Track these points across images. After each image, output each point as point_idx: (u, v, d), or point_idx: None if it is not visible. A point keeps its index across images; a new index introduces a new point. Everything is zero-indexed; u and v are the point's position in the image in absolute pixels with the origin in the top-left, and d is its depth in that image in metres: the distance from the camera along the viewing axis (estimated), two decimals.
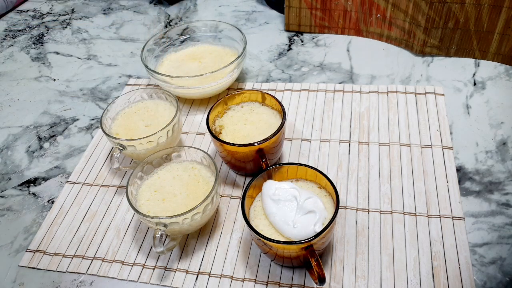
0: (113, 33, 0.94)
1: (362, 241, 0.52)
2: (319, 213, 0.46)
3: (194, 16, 0.95)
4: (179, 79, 0.68)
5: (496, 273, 0.48)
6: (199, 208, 0.49)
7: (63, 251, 0.55)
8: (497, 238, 0.51)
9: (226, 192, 0.60)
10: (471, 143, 0.61)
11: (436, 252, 0.50)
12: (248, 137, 0.57)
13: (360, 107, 0.68)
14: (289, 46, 0.83)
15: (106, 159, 0.66)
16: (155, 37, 0.75)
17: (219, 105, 0.60)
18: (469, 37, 0.72)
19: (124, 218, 0.58)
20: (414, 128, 0.64)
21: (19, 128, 0.74)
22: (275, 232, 0.48)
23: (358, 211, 0.55)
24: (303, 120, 0.67)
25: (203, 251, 0.54)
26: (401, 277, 0.48)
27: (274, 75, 0.77)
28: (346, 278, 0.49)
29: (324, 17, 0.82)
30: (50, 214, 0.60)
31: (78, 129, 0.72)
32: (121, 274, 0.52)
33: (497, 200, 0.54)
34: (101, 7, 1.02)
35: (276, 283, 0.50)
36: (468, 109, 0.66)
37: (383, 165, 0.59)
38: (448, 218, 0.53)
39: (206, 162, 0.56)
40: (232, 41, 0.76)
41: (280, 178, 0.52)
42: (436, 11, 0.71)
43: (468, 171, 0.58)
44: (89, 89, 0.80)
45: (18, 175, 0.66)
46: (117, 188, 0.62)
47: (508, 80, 0.70)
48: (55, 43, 0.92)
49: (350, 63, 0.78)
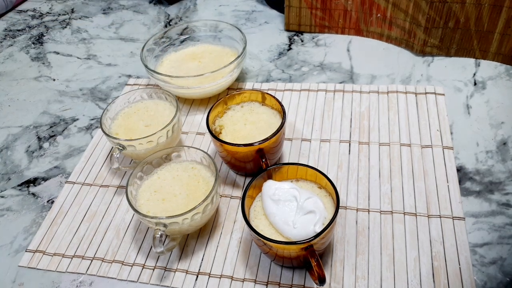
0: (112, 33, 0.94)
1: (362, 241, 0.52)
2: (319, 213, 0.46)
3: (194, 16, 0.95)
4: (179, 79, 0.68)
5: (496, 273, 0.48)
6: (199, 208, 0.49)
7: (63, 251, 0.55)
8: (498, 238, 0.51)
9: (226, 192, 0.59)
10: (471, 143, 0.61)
11: (436, 252, 0.50)
12: (248, 137, 0.57)
13: (360, 107, 0.68)
14: (289, 46, 0.83)
15: (106, 159, 0.66)
16: (155, 37, 0.75)
17: (219, 105, 0.60)
18: (470, 37, 0.72)
19: (124, 218, 0.58)
20: (414, 128, 0.64)
21: (19, 128, 0.74)
22: (275, 232, 0.48)
23: (358, 211, 0.55)
24: (303, 120, 0.67)
25: (203, 251, 0.53)
26: (401, 277, 0.48)
27: (274, 75, 0.77)
28: (346, 278, 0.49)
29: (324, 16, 0.82)
30: (49, 214, 0.60)
31: (78, 129, 0.72)
32: (121, 274, 0.52)
33: (498, 200, 0.54)
34: (101, 6, 1.02)
35: (276, 283, 0.50)
36: (468, 109, 0.66)
37: (383, 165, 0.59)
38: (449, 218, 0.53)
39: (206, 162, 0.56)
40: (232, 41, 0.76)
41: (280, 178, 0.52)
42: (436, 10, 0.71)
43: (469, 171, 0.58)
44: (88, 89, 0.80)
45: (18, 175, 0.66)
46: (117, 188, 0.62)
47: (509, 80, 0.70)
48: (54, 43, 0.92)
49: (350, 63, 0.77)
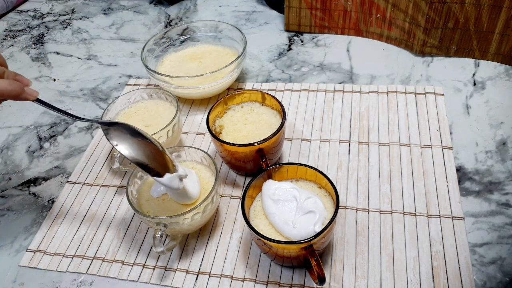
0: (113, 33, 0.94)
1: (362, 241, 0.52)
2: (319, 213, 0.46)
3: (194, 16, 0.96)
4: (179, 79, 0.68)
5: (496, 273, 0.48)
6: (199, 208, 0.49)
7: (63, 251, 0.55)
8: (497, 238, 0.51)
9: (226, 192, 0.60)
10: (471, 143, 0.61)
11: (436, 252, 0.50)
12: (248, 137, 0.57)
13: (360, 107, 0.68)
14: (289, 46, 0.83)
15: (106, 159, 0.66)
16: (155, 37, 0.75)
17: (219, 105, 0.60)
18: (469, 37, 0.72)
19: (125, 218, 0.58)
20: (414, 128, 0.64)
21: (19, 128, 0.74)
22: (275, 232, 0.48)
23: (358, 211, 0.55)
24: (303, 120, 0.67)
25: (203, 251, 0.54)
26: (401, 277, 0.48)
27: (274, 75, 0.77)
28: (346, 278, 0.49)
29: (324, 17, 0.82)
30: (50, 214, 0.60)
31: (78, 129, 0.72)
32: (121, 274, 0.52)
33: (497, 200, 0.54)
34: (101, 7, 1.03)
35: (276, 283, 0.50)
36: (468, 109, 0.66)
37: (383, 165, 0.60)
38: (448, 218, 0.53)
39: (206, 162, 0.56)
40: (232, 41, 0.76)
41: (280, 178, 0.52)
42: (436, 11, 0.71)
43: (468, 171, 0.58)
44: (89, 89, 0.80)
45: (18, 175, 0.66)
46: (117, 188, 0.62)
47: (508, 80, 0.70)
48: (55, 43, 0.92)
49: (350, 63, 0.78)
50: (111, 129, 0.47)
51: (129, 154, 0.46)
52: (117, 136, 0.47)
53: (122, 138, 0.47)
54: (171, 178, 0.48)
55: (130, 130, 0.48)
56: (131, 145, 0.47)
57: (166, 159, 0.49)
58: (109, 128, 0.48)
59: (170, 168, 0.48)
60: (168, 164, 0.49)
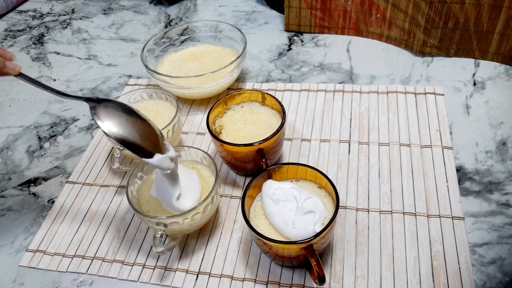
0: (113, 33, 0.94)
1: (362, 241, 0.52)
2: (319, 213, 0.46)
3: (194, 16, 0.96)
4: (179, 79, 0.68)
5: (496, 273, 0.48)
6: (199, 208, 0.49)
7: (63, 251, 0.55)
8: (497, 238, 0.51)
9: (226, 192, 0.60)
10: (471, 143, 0.61)
11: (436, 252, 0.50)
12: (248, 137, 0.57)
13: (360, 107, 0.68)
14: (289, 46, 0.83)
15: (106, 159, 0.66)
16: (155, 37, 0.75)
17: (219, 105, 0.60)
18: (469, 37, 0.72)
19: (125, 218, 0.58)
20: (414, 128, 0.64)
21: (19, 128, 0.74)
22: (275, 232, 0.48)
23: (358, 211, 0.55)
24: (303, 120, 0.67)
25: (203, 251, 0.54)
26: (401, 277, 0.48)
27: (274, 75, 0.77)
28: (346, 278, 0.49)
29: (324, 17, 0.82)
30: (50, 214, 0.60)
31: (78, 129, 0.73)
32: (121, 274, 0.52)
33: (497, 200, 0.54)
34: (101, 7, 1.03)
35: (276, 283, 0.50)
36: (468, 109, 0.66)
37: (383, 165, 0.60)
38: (448, 218, 0.53)
39: (206, 162, 0.56)
40: (232, 41, 0.76)
41: (280, 178, 0.52)
42: (436, 11, 0.71)
43: (468, 171, 0.58)
44: (89, 89, 0.80)
45: (18, 175, 0.66)
46: (117, 188, 0.62)
47: (508, 80, 0.70)
48: (55, 43, 0.92)
49: (350, 63, 0.78)
50: (100, 106, 0.45)
51: (116, 131, 0.44)
52: (106, 113, 0.45)
53: (111, 115, 0.45)
54: (162, 159, 0.46)
55: (123, 108, 0.46)
56: (120, 123, 0.45)
57: (159, 141, 0.47)
58: (98, 106, 0.45)
59: (163, 150, 0.47)
60: (161, 146, 0.47)
